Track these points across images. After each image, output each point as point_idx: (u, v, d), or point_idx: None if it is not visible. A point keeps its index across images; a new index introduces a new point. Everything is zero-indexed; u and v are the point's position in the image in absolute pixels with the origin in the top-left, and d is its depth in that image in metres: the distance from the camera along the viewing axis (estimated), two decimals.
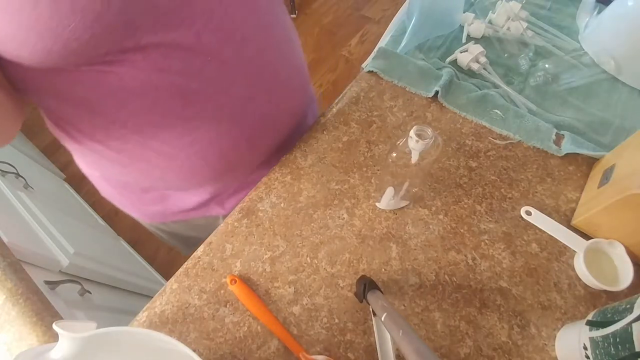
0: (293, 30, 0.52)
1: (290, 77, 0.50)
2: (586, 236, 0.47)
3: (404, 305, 0.43)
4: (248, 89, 0.45)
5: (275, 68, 0.47)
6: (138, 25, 0.34)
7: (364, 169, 0.53)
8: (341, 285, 0.45)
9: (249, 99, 0.46)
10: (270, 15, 0.45)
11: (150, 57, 0.36)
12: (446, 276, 0.45)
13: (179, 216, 0.60)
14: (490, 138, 0.56)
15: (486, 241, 0.47)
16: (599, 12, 0.68)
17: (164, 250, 1.43)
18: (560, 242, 0.47)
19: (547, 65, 0.65)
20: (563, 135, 0.56)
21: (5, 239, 0.60)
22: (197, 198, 0.56)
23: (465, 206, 0.50)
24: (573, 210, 0.49)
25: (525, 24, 0.69)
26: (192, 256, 0.47)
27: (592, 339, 0.35)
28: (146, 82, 0.37)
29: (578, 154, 0.53)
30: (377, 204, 0.50)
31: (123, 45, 0.34)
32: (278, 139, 0.54)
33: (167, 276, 1.15)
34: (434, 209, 0.50)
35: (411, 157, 0.40)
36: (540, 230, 0.48)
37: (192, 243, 0.71)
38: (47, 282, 0.65)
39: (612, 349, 0.32)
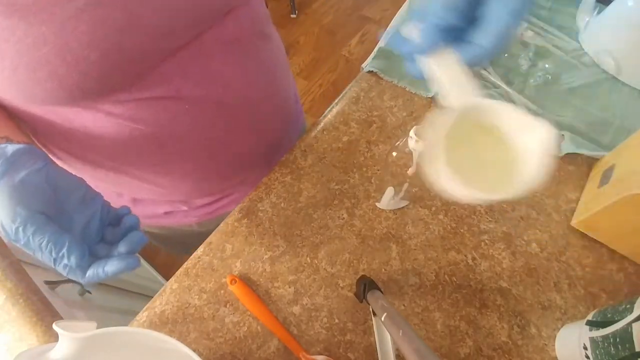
0: (281, 61, 0.51)
1: (274, 109, 0.51)
2: (586, 236, 0.47)
3: (404, 305, 0.43)
4: (227, 129, 0.45)
5: (257, 107, 0.47)
6: (114, 89, 0.34)
7: (364, 169, 0.53)
8: (341, 285, 0.45)
9: (227, 138, 0.46)
10: (255, 59, 0.44)
11: (124, 107, 0.36)
12: (446, 276, 0.45)
13: (151, 220, 0.60)
14: None
15: (486, 241, 0.47)
16: (599, 12, 0.68)
17: (164, 251, 1.42)
18: (560, 241, 0.47)
19: (547, 65, 0.65)
20: (563, 135, 0.56)
21: (5, 239, 0.60)
22: (168, 207, 0.56)
23: (465, 206, 0.50)
24: (573, 210, 0.49)
25: (525, 24, 0.69)
26: (192, 256, 0.47)
27: (592, 339, 0.35)
28: (118, 127, 0.38)
29: (578, 154, 0.53)
30: (377, 204, 0.50)
31: (96, 101, 0.35)
32: (254, 164, 0.54)
33: (167, 276, 1.14)
34: (434, 209, 0.50)
35: (411, 157, 0.40)
36: (540, 230, 0.48)
37: (170, 243, 0.70)
38: (47, 282, 0.64)
39: (612, 349, 0.32)
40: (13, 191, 0.28)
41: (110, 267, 0.29)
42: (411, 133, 0.38)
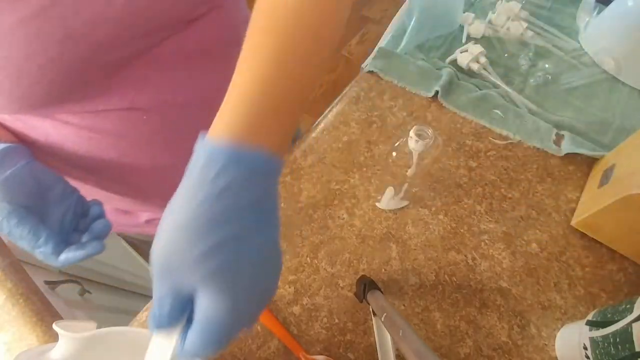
0: None
1: None
2: (586, 236, 0.47)
3: (404, 305, 0.43)
4: (194, 133, 0.42)
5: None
6: (62, 101, 0.34)
7: (364, 169, 0.53)
8: (341, 285, 0.45)
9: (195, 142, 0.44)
10: (226, 67, 0.40)
11: (80, 117, 0.36)
12: (446, 276, 0.45)
13: (136, 229, 0.58)
14: (490, 138, 0.56)
15: (486, 241, 0.47)
16: (599, 12, 0.68)
17: None
18: (560, 241, 0.47)
19: (547, 65, 0.65)
20: (563, 135, 0.56)
21: (5, 239, 0.60)
22: (149, 215, 0.55)
23: (465, 206, 0.50)
24: (573, 210, 0.49)
25: (525, 24, 0.69)
26: None
27: (592, 339, 0.35)
28: (76, 136, 0.38)
29: (578, 154, 0.53)
30: (377, 204, 0.50)
31: (50, 110, 0.36)
32: None
33: None
34: (434, 209, 0.50)
35: (411, 157, 0.40)
36: (540, 230, 0.48)
37: None
38: (47, 282, 0.64)
39: (612, 349, 0.32)
40: None
41: (79, 252, 0.34)
42: (411, 133, 0.38)
